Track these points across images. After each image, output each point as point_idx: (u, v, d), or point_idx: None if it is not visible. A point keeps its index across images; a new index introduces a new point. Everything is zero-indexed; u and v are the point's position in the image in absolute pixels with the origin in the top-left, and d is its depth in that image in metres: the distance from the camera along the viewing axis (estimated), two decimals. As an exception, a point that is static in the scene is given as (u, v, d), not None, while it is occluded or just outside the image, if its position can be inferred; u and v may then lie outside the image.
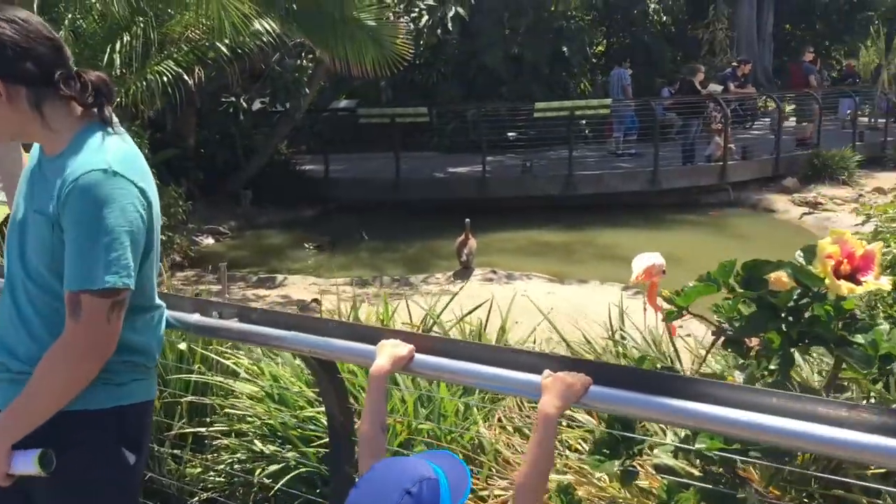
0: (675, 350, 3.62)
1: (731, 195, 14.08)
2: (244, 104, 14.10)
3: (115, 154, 1.81)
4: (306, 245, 11.39)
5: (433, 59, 17.81)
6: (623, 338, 4.28)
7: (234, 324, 2.36)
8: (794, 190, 14.00)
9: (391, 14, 11.81)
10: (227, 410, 3.32)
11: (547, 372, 1.76)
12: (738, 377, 2.24)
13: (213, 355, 3.50)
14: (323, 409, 2.77)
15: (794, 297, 2.18)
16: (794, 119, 17.04)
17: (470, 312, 4.38)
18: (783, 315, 2.19)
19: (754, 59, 24.01)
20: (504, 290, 8.97)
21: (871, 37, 30.91)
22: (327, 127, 16.57)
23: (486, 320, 4.35)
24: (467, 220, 9.60)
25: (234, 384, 3.37)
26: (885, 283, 2.09)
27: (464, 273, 9.55)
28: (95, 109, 1.85)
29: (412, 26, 14.78)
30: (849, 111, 18.08)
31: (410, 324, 4.31)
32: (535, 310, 8.12)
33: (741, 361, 2.50)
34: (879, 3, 30.68)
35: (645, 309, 6.93)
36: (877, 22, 30.46)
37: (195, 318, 2.37)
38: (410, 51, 10.99)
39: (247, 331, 2.34)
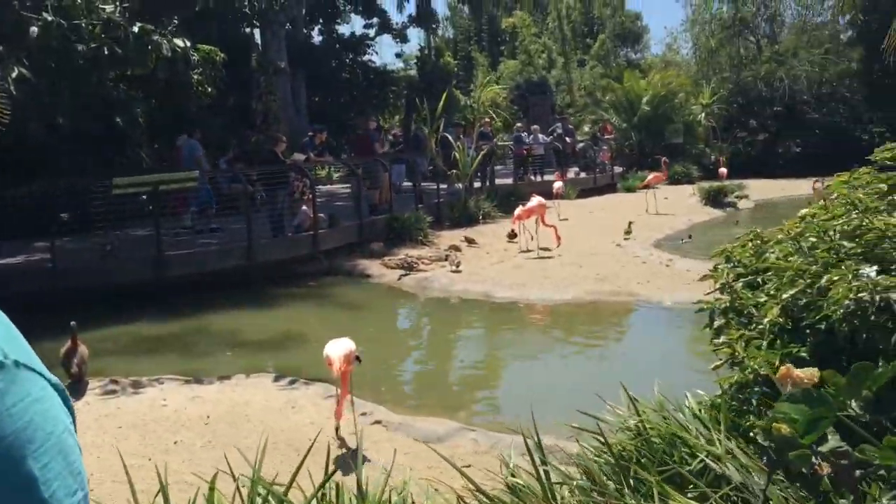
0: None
1: (325, 263, 13.92)
2: None
3: None
4: None
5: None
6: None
7: None
8: (381, 253, 14.38)
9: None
10: None
11: None
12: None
13: None
14: None
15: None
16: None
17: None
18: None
19: (293, 129, 24.77)
20: (136, 404, 7.37)
21: (388, 108, 34.24)
22: None
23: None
24: (73, 322, 7.76)
25: None
26: None
27: (77, 387, 7.63)
28: None
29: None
30: (403, 176, 19.49)
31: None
32: (195, 424, 6.81)
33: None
34: (396, 80, 34.17)
35: (340, 404, 6.19)
36: (391, 96, 33.90)
37: None
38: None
39: None
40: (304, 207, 14.02)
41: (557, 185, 19.83)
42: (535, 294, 11.52)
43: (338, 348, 6.05)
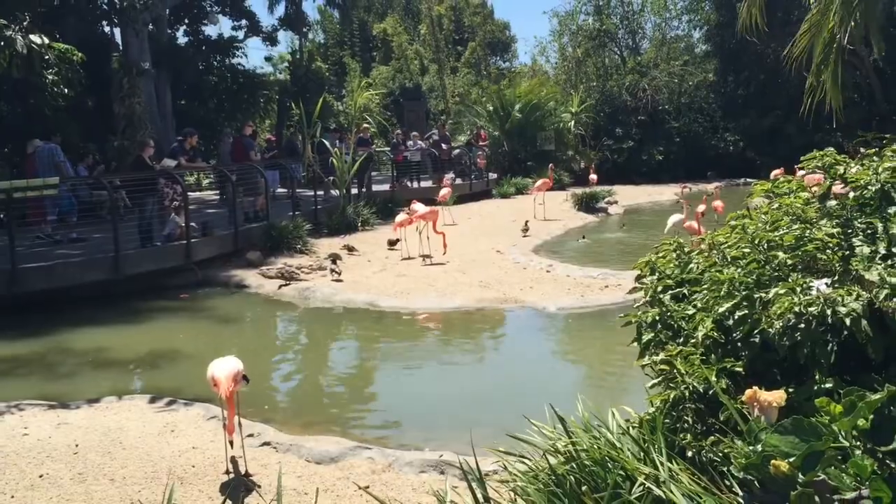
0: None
1: (199, 275, 13.25)
2: None
3: None
4: None
5: None
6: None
7: None
8: (259, 263, 13.85)
9: None
10: None
11: None
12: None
13: None
14: None
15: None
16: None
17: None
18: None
19: (158, 133, 23.63)
20: (-7, 435, 6.66)
21: (259, 113, 33.31)
22: None
23: None
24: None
25: None
26: None
27: (-80, 421, 6.83)
28: None
29: None
30: (277, 182, 18.93)
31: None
32: (62, 455, 6.20)
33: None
34: (266, 85, 33.27)
35: (230, 426, 5.78)
36: (262, 101, 33.03)
37: None
38: None
39: None
40: (174, 216, 13.30)
41: (444, 191, 19.83)
42: (422, 302, 11.35)
43: (224, 368, 5.64)
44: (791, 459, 1.47)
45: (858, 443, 1.53)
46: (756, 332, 2.50)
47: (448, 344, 10.00)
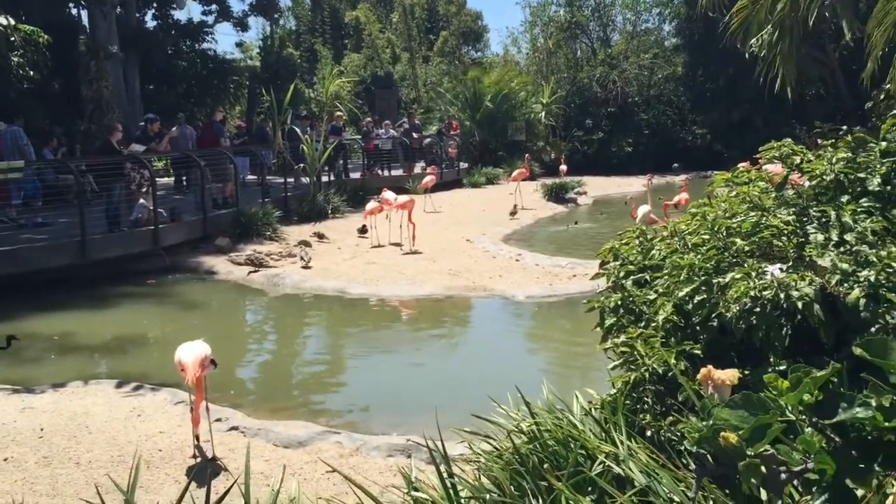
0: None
1: (166, 260, 13.15)
2: None
3: None
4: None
5: None
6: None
7: None
8: (228, 250, 13.78)
9: None
10: None
11: None
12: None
13: None
14: None
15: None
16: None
17: None
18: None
19: (126, 118, 23.32)
20: (-44, 418, 6.60)
21: (229, 99, 32.99)
22: None
23: None
24: None
25: None
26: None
27: None
28: None
29: None
30: (247, 169, 18.81)
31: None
32: (27, 439, 6.17)
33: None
34: (236, 71, 32.95)
35: (196, 411, 5.79)
36: (232, 87, 32.73)
37: None
38: None
39: None
40: (142, 201, 13.18)
41: (428, 178, 19.89)
42: (391, 290, 11.39)
43: (191, 352, 5.64)
44: (740, 432, 1.54)
45: (804, 417, 1.61)
46: (714, 315, 2.58)
47: (417, 331, 10.06)
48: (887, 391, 1.52)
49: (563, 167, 25.25)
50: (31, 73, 19.21)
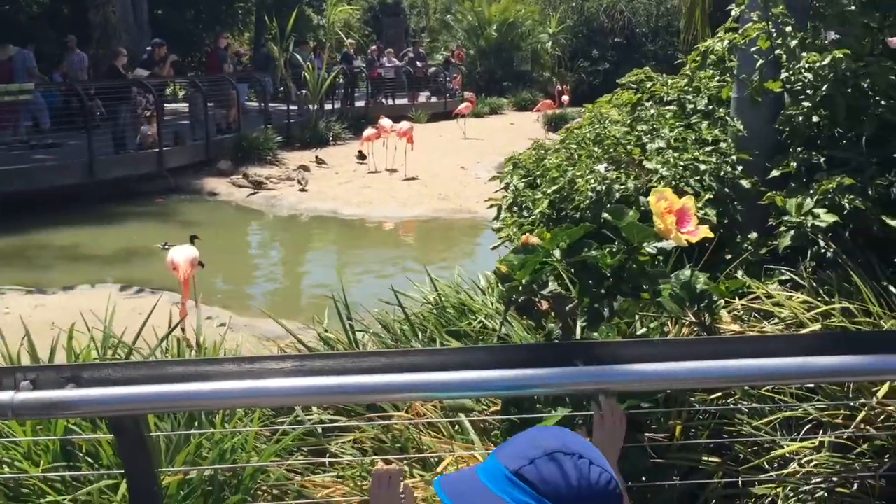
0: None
1: (171, 181, 13.83)
2: None
3: None
4: None
5: None
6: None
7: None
8: (229, 172, 14.43)
9: None
10: None
11: None
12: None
13: None
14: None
15: (618, 257, 2.41)
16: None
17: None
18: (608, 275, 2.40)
19: (134, 43, 23.68)
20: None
21: (238, 25, 33.11)
22: None
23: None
24: None
25: None
26: (706, 230, 2.44)
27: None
28: None
29: None
30: (247, 95, 19.28)
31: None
32: (41, 330, 6.96)
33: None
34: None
35: (183, 304, 6.54)
36: (240, 14, 32.84)
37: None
38: None
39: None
40: (144, 127, 13.76)
41: (463, 105, 20.57)
42: (381, 211, 12.06)
43: (182, 254, 6.37)
44: (514, 266, 2.21)
45: (561, 258, 2.26)
46: (572, 207, 3.21)
47: (399, 247, 10.76)
48: (617, 242, 2.17)
49: (566, 98, 25.54)
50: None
